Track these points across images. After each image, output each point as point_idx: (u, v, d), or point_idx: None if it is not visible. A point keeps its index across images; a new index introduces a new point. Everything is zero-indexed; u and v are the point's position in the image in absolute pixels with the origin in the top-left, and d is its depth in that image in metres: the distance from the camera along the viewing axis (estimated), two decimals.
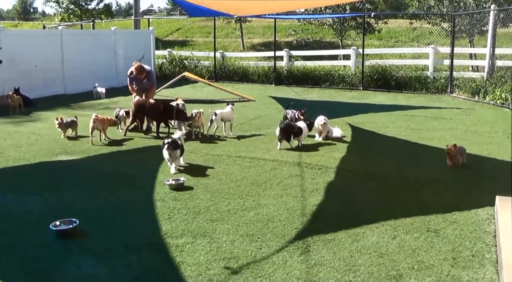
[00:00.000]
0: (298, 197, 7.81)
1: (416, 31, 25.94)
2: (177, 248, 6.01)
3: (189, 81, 21.85)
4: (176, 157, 9.15)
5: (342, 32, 28.00)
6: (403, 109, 16.19)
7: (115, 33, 22.96)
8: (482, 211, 7.19)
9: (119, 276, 5.39)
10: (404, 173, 9.19)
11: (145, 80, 13.01)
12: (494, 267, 5.56)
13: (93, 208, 7.42)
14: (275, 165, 9.59)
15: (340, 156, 10.31)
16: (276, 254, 5.87)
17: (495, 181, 8.58)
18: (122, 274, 5.43)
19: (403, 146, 11.41)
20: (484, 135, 12.38)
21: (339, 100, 18.63)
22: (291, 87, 22.37)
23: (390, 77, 21.10)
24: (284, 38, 31.95)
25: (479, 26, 23.26)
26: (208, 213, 7.15)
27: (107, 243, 6.21)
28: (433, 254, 5.88)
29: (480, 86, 18.55)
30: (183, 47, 33.82)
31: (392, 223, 6.74)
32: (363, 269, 5.49)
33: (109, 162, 9.92)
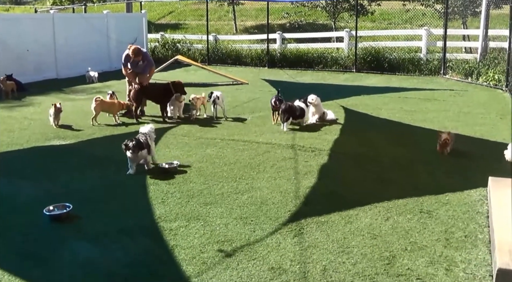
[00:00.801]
0: (291, 179, 7.83)
1: (409, 13, 25.82)
2: (171, 232, 6.02)
3: (182, 65, 21.76)
4: (143, 157, 8.23)
5: (335, 14, 27.87)
6: (396, 91, 16.18)
7: (107, 17, 22.79)
8: (475, 192, 7.22)
9: (114, 260, 5.41)
10: (397, 155, 9.21)
11: (141, 63, 12.83)
12: (486, 248, 5.60)
13: (86, 192, 7.42)
14: (269, 148, 9.59)
15: (333, 138, 10.32)
16: (269, 236, 5.89)
17: (488, 162, 8.61)
18: (117, 258, 5.45)
19: (396, 128, 11.42)
20: (477, 116, 12.40)
21: (332, 82, 18.60)
22: (284, 69, 22.30)
23: (383, 59, 21.05)
24: (277, 20, 31.80)
25: (472, 7, 23.17)
26: (201, 196, 7.16)
27: (102, 227, 6.22)
28: (426, 235, 5.91)
29: (473, 67, 18.53)
30: (175, 30, 33.60)
31: (385, 205, 6.77)
32: (356, 251, 5.51)
33: (102, 147, 9.90)
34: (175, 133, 10.76)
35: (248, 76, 19.69)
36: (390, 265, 5.22)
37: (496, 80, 16.94)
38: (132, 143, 7.97)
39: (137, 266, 5.27)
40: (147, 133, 8.50)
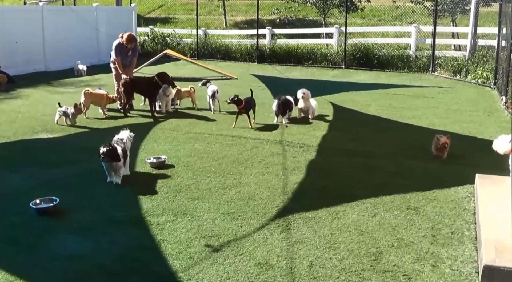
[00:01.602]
0: (279, 175, 7.83)
1: (399, 10, 25.84)
2: (158, 226, 6.01)
3: (171, 59, 21.70)
4: (119, 167, 7.47)
5: (325, 11, 27.84)
6: (385, 88, 16.21)
7: (96, 10, 22.66)
8: (461, 189, 7.25)
9: (100, 253, 5.40)
10: (385, 152, 9.23)
11: (130, 53, 12.70)
12: (473, 244, 5.62)
13: (74, 186, 7.39)
14: (257, 143, 9.59)
15: (321, 134, 10.33)
16: (256, 232, 5.88)
17: (475, 159, 8.64)
18: (104, 251, 5.44)
19: (384, 124, 11.45)
20: (465, 113, 12.44)
21: (322, 78, 18.60)
22: (273, 65, 22.28)
23: (373, 55, 21.07)
24: (267, 16, 31.72)
25: (461, 5, 23.26)
26: (189, 191, 7.14)
27: (89, 220, 6.22)
28: (413, 231, 5.92)
29: (462, 65, 18.61)
30: (165, 24, 33.44)
31: (373, 201, 6.78)
32: (343, 247, 5.52)
33: (90, 140, 9.85)
34: (163, 127, 10.73)
35: (238, 71, 19.65)
36: (376, 261, 5.23)
37: (484, 78, 17.02)
38: (107, 151, 7.22)
39: (123, 260, 5.25)
40: (125, 140, 7.83)
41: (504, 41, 15.02)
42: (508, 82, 13.47)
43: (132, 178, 7.68)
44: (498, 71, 15.76)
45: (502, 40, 15.43)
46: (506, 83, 13.58)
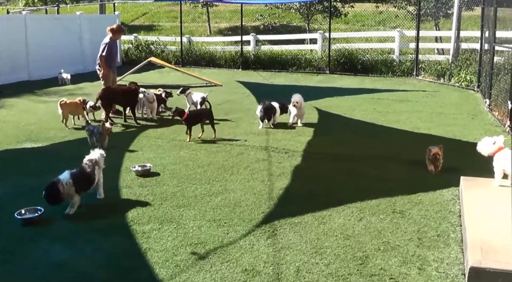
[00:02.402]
0: (265, 181, 7.82)
1: (382, 15, 26.01)
2: (143, 235, 5.98)
3: (155, 66, 21.68)
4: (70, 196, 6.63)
5: (308, 16, 27.93)
6: (369, 93, 16.27)
7: (80, 18, 22.62)
8: (447, 192, 7.28)
9: (85, 262, 5.36)
10: (370, 156, 9.25)
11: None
12: (459, 246, 5.64)
13: None
14: (242, 149, 9.58)
15: (306, 140, 10.34)
16: (243, 238, 5.87)
17: (459, 162, 8.67)
18: (89, 260, 5.41)
19: (369, 129, 11.48)
20: (449, 117, 12.51)
21: (306, 84, 18.63)
22: (258, 71, 22.30)
23: (357, 60, 21.15)
24: (251, 22, 31.79)
25: (444, 9, 23.38)
26: (174, 199, 7.12)
27: (74, 229, 6.18)
28: (399, 235, 5.94)
29: (445, 68, 18.72)
30: (149, 32, 33.44)
31: (358, 205, 6.79)
32: (329, 251, 5.52)
33: (75, 149, 9.79)
34: (148, 135, 10.71)
35: (222, 78, 19.65)
36: (363, 265, 5.23)
37: (468, 81, 17.13)
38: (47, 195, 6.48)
39: (108, 269, 5.22)
40: (95, 161, 7.03)
41: (486, 44, 15.13)
42: (491, 85, 13.57)
43: (117, 186, 7.63)
44: (482, 74, 15.86)
45: (485, 43, 15.53)
46: (490, 85, 13.67)
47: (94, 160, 6.98)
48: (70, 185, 6.51)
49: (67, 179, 6.52)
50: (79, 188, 6.63)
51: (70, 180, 6.52)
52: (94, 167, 6.91)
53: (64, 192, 6.49)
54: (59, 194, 6.48)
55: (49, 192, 6.48)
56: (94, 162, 6.95)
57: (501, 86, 12.51)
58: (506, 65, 12.31)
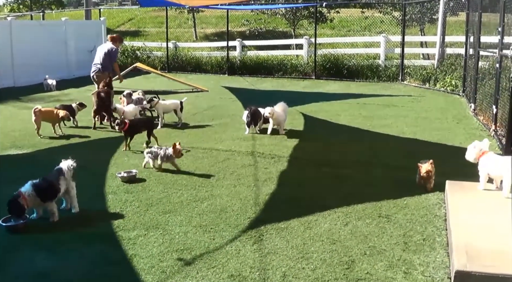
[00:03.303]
0: (251, 186, 7.81)
1: (367, 20, 26.15)
2: (129, 241, 5.94)
3: (141, 72, 21.63)
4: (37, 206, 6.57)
5: (294, 22, 28.02)
6: (355, 97, 16.32)
7: (65, 24, 22.53)
8: (432, 196, 7.31)
9: (71, 269, 5.31)
10: (356, 161, 9.27)
11: None
12: (444, 250, 5.65)
13: None
14: (228, 155, 9.57)
15: (292, 144, 10.35)
16: (229, 244, 5.85)
17: (445, 166, 8.70)
18: (75, 267, 5.36)
19: (355, 133, 11.51)
20: (434, 121, 12.57)
21: (292, 89, 18.67)
22: (244, 77, 22.33)
23: (342, 66, 21.24)
24: (237, 28, 31.82)
25: (429, 14, 23.57)
26: (160, 205, 7.08)
27: (57, 236, 6.11)
28: (385, 239, 5.94)
29: (430, 73, 18.85)
30: (135, 38, 33.36)
31: (344, 210, 6.80)
32: (315, 256, 5.51)
33: (60, 156, 9.59)
34: (134, 141, 10.64)
35: (208, 84, 19.65)
36: (349, 269, 5.23)
37: (453, 86, 17.25)
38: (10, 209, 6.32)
39: (95, 276, 5.18)
40: (60, 170, 6.79)
41: (471, 49, 15.23)
42: (476, 90, 13.65)
43: (103, 193, 7.59)
44: (466, 79, 15.97)
45: (470, 49, 15.65)
46: (475, 90, 13.76)
47: (60, 169, 6.77)
48: (33, 196, 6.38)
49: (29, 191, 6.38)
50: (45, 197, 6.48)
51: (32, 192, 6.38)
52: (59, 176, 6.68)
53: (28, 204, 6.34)
54: (22, 207, 6.30)
55: (12, 206, 6.30)
56: (60, 171, 6.74)
57: (486, 90, 12.59)
58: (491, 70, 12.40)
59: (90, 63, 13.50)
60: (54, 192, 6.58)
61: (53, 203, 6.56)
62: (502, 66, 10.41)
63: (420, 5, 22.91)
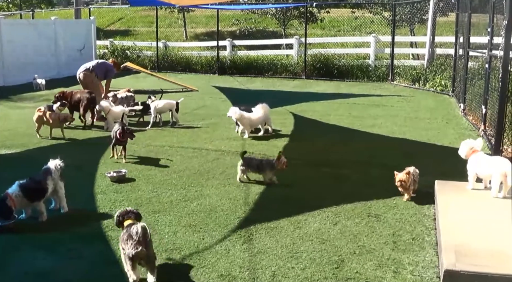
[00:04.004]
0: (240, 186, 7.81)
1: (358, 20, 26.20)
2: (118, 241, 5.90)
3: (131, 72, 21.56)
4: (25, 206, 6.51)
5: (285, 22, 28.06)
6: (345, 97, 16.35)
7: (55, 23, 22.45)
8: (421, 195, 7.30)
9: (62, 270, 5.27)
10: (345, 161, 9.29)
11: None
12: (434, 250, 5.67)
13: None
14: (218, 155, 9.56)
15: (282, 144, 10.35)
16: (218, 243, 5.84)
17: (434, 166, 8.74)
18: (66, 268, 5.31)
19: (344, 133, 11.53)
20: (424, 121, 12.61)
21: (282, 89, 18.70)
22: (234, 76, 22.33)
23: (332, 66, 21.29)
24: (227, 27, 31.81)
25: (419, 15, 23.65)
26: (150, 204, 7.06)
27: (50, 237, 6.06)
28: (374, 238, 5.95)
29: (420, 73, 18.93)
30: (125, 37, 33.30)
31: (334, 209, 6.80)
32: (305, 256, 5.51)
33: (49, 155, 9.63)
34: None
35: (198, 83, 19.63)
36: (338, 269, 5.23)
37: (442, 86, 17.32)
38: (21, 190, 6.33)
39: (85, 276, 5.15)
40: (50, 170, 6.73)
41: (461, 50, 15.29)
42: (465, 90, 13.71)
43: (92, 193, 7.56)
44: (456, 79, 16.03)
45: (459, 49, 15.71)
46: (464, 90, 13.82)
47: (47, 169, 6.72)
48: (20, 197, 6.34)
49: (16, 192, 6.34)
50: (33, 198, 6.44)
51: (19, 193, 6.34)
52: (47, 176, 6.62)
53: (16, 205, 6.30)
54: (9, 209, 6.24)
55: (27, 188, 6.36)
56: (47, 171, 6.68)
57: (475, 91, 12.64)
58: (480, 70, 12.44)
59: (80, 62, 13.48)
60: (41, 192, 6.53)
61: (41, 203, 6.52)
62: (491, 66, 10.45)
63: (410, 6, 22.99)
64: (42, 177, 6.60)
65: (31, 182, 6.50)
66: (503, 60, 8.84)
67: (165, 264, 5.35)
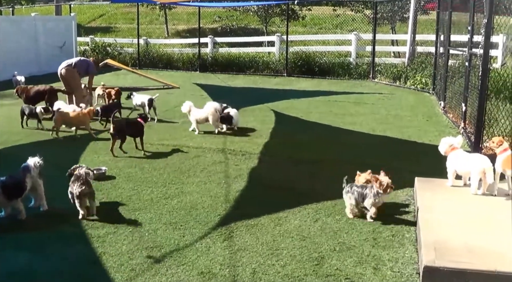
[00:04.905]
0: (221, 183, 7.80)
1: (339, 18, 26.22)
2: (98, 239, 5.88)
3: (112, 69, 21.43)
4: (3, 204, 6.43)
5: (266, 19, 28.04)
6: (326, 95, 16.37)
7: (35, 20, 22.28)
8: (402, 192, 7.35)
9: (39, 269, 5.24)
10: (326, 158, 9.30)
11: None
12: (413, 246, 5.70)
13: None
14: (199, 152, 9.54)
15: (263, 141, 10.35)
16: (199, 241, 5.83)
17: (414, 163, 8.78)
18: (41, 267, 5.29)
19: (325, 131, 11.55)
20: (404, 119, 12.67)
21: (264, 86, 18.68)
22: (215, 74, 22.28)
23: (314, 63, 21.30)
24: (209, 24, 31.72)
25: (400, 13, 23.72)
26: (130, 202, 7.03)
27: (30, 236, 6.02)
28: (354, 235, 5.97)
29: (401, 71, 19.00)
30: (106, 34, 33.09)
31: (314, 206, 6.82)
32: (285, 253, 5.52)
33: (28, 153, 9.54)
34: (103, 138, 10.55)
35: (180, 80, 19.56)
36: (319, 266, 5.25)
37: (423, 84, 17.41)
38: None
39: (63, 275, 5.12)
40: (30, 168, 6.65)
41: (441, 48, 15.37)
42: (446, 88, 13.79)
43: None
44: (436, 77, 16.12)
45: (440, 47, 15.79)
46: (444, 88, 13.90)
47: (26, 167, 6.62)
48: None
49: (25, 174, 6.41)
50: (11, 195, 6.36)
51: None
52: (25, 174, 6.54)
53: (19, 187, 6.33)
54: (11, 189, 6.29)
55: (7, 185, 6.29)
56: (26, 168, 6.59)
57: (456, 88, 12.71)
58: (461, 68, 12.52)
59: (61, 59, 13.38)
60: (19, 190, 6.47)
61: (19, 201, 6.46)
62: (472, 64, 10.51)
63: (391, 4, 23.06)
64: (21, 175, 6.53)
65: (9, 179, 6.43)
66: (483, 58, 8.89)
67: (145, 262, 5.33)
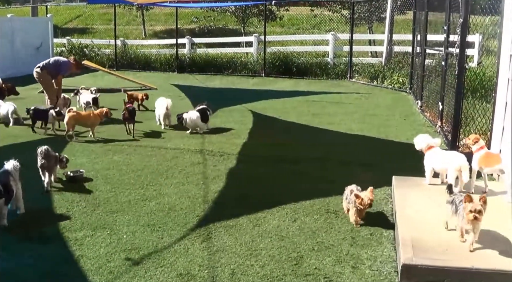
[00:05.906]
0: (200, 184, 7.77)
1: (316, 18, 26.31)
2: (76, 242, 5.83)
3: (89, 70, 21.27)
4: None
5: (244, 20, 28.04)
6: (304, 95, 16.42)
7: (11, 21, 22.05)
8: (379, 191, 7.37)
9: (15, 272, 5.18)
10: (304, 158, 9.32)
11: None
12: (391, 244, 5.73)
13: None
14: (177, 153, 9.50)
15: (241, 142, 10.34)
16: (177, 242, 5.81)
17: (392, 162, 8.83)
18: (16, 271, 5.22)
19: (303, 131, 11.58)
20: (382, 118, 12.74)
21: (242, 87, 18.68)
22: (193, 74, 22.23)
23: (292, 63, 21.34)
24: (187, 25, 31.63)
25: (377, 13, 23.88)
26: (108, 204, 6.98)
27: (9, 238, 5.96)
28: (333, 234, 5.99)
29: (378, 71, 19.12)
30: (83, 35, 32.87)
31: (293, 207, 6.82)
32: (264, 253, 5.52)
33: (4, 155, 9.49)
34: (81, 140, 10.48)
35: (157, 81, 19.49)
36: (297, 265, 5.25)
37: (400, 83, 17.53)
38: None
39: (40, 279, 5.07)
40: (10, 171, 6.51)
41: (418, 48, 15.48)
42: (423, 87, 13.88)
43: (49, 193, 7.43)
44: (413, 76, 16.24)
45: (417, 47, 15.90)
46: (421, 87, 13.99)
47: (7, 171, 6.48)
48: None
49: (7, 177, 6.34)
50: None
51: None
52: (8, 177, 6.39)
53: None
54: None
55: None
56: (8, 173, 6.45)
57: (432, 87, 12.81)
58: (437, 67, 12.61)
59: (38, 60, 13.25)
60: (9, 194, 6.35)
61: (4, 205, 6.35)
62: (448, 63, 10.59)
63: (368, 4, 23.19)
64: (6, 179, 6.38)
65: None
66: (459, 58, 8.97)
67: (123, 264, 5.30)
